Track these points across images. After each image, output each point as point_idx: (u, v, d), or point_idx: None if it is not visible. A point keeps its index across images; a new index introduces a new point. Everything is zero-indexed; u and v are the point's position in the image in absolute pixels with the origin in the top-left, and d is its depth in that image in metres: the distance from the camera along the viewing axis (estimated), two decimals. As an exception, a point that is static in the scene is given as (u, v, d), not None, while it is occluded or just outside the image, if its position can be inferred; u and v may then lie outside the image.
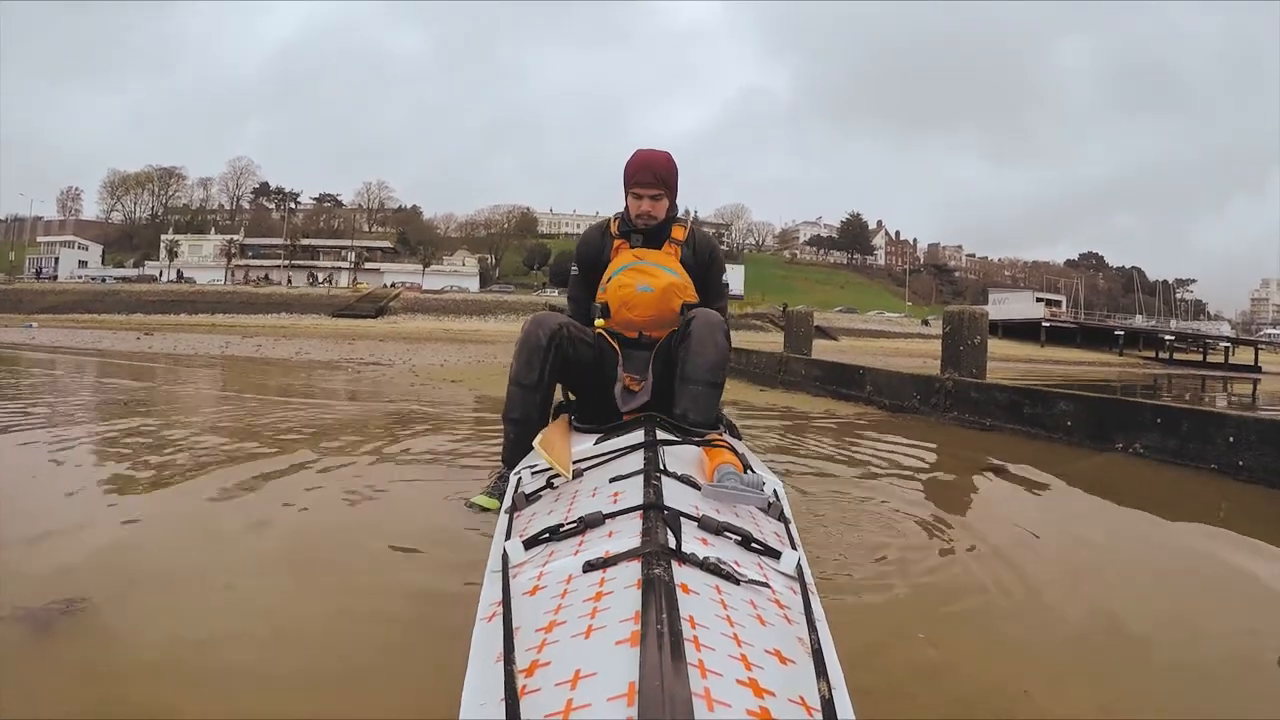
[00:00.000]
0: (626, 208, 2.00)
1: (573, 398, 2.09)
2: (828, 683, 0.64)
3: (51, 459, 2.62)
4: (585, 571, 0.84)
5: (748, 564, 0.91)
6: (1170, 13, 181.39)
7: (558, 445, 1.45)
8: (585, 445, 1.57)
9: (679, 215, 2.05)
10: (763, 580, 0.86)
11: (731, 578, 0.83)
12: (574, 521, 0.99)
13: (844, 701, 0.64)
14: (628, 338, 1.96)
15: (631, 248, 1.98)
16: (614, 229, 2.03)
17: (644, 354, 1.96)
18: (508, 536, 1.07)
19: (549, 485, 1.30)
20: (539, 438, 1.47)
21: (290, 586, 1.49)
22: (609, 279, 1.95)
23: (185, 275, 53.00)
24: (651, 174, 1.90)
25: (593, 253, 2.06)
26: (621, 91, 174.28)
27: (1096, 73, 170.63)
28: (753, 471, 1.31)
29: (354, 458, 2.81)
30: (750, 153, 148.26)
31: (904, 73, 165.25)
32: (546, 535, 0.98)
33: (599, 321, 1.96)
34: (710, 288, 2.06)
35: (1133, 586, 1.75)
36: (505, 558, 0.93)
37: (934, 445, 3.81)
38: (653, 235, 1.98)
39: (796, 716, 0.60)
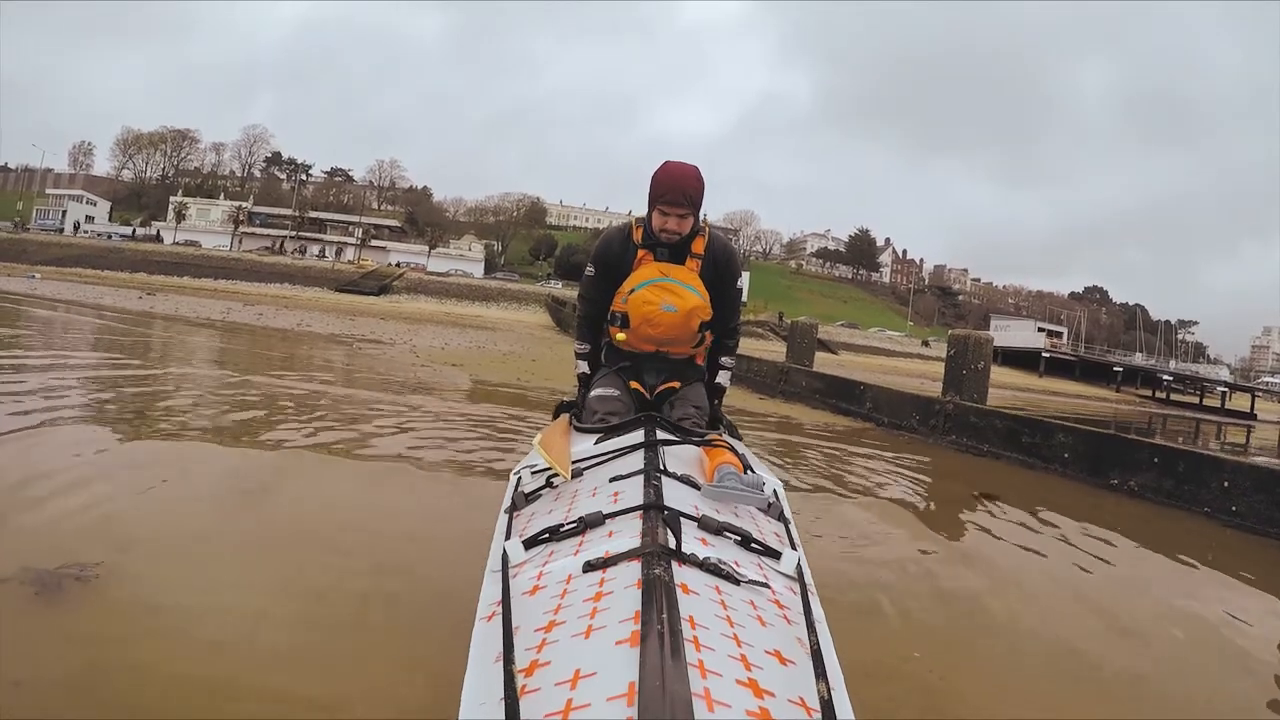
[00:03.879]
0: (650, 218, 1.95)
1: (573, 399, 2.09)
2: (827, 684, 0.64)
3: (58, 419, 2.61)
4: (585, 571, 0.83)
5: (748, 564, 0.90)
6: (1192, 41, 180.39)
7: (557, 445, 1.44)
8: (585, 445, 1.56)
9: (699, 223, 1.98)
10: (763, 581, 0.86)
11: (731, 578, 0.82)
12: (574, 521, 0.98)
13: (843, 702, 0.64)
14: (644, 351, 1.94)
15: (656, 260, 1.94)
16: (638, 237, 1.98)
17: (660, 364, 1.96)
18: (508, 536, 1.06)
19: (549, 485, 1.30)
20: (538, 437, 1.47)
21: (282, 562, 1.49)
22: (631, 291, 1.91)
23: (178, 240, 52.64)
24: (682, 194, 1.85)
25: (613, 257, 2.01)
26: (635, 89, 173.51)
27: (1115, 97, 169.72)
28: (753, 472, 1.30)
29: (354, 435, 2.81)
30: (762, 157, 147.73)
31: (923, 87, 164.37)
32: (546, 535, 0.98)
33: (619, 336, 1.93)
34: (725, 303, 2.01)
35: (1122, 621, 1.76)
36: (505, 557, 0.92)
37: (931, 468, 3.81)
38: (677, 249, 1.94)
39: (796, 717, 0.60)
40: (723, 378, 2.07)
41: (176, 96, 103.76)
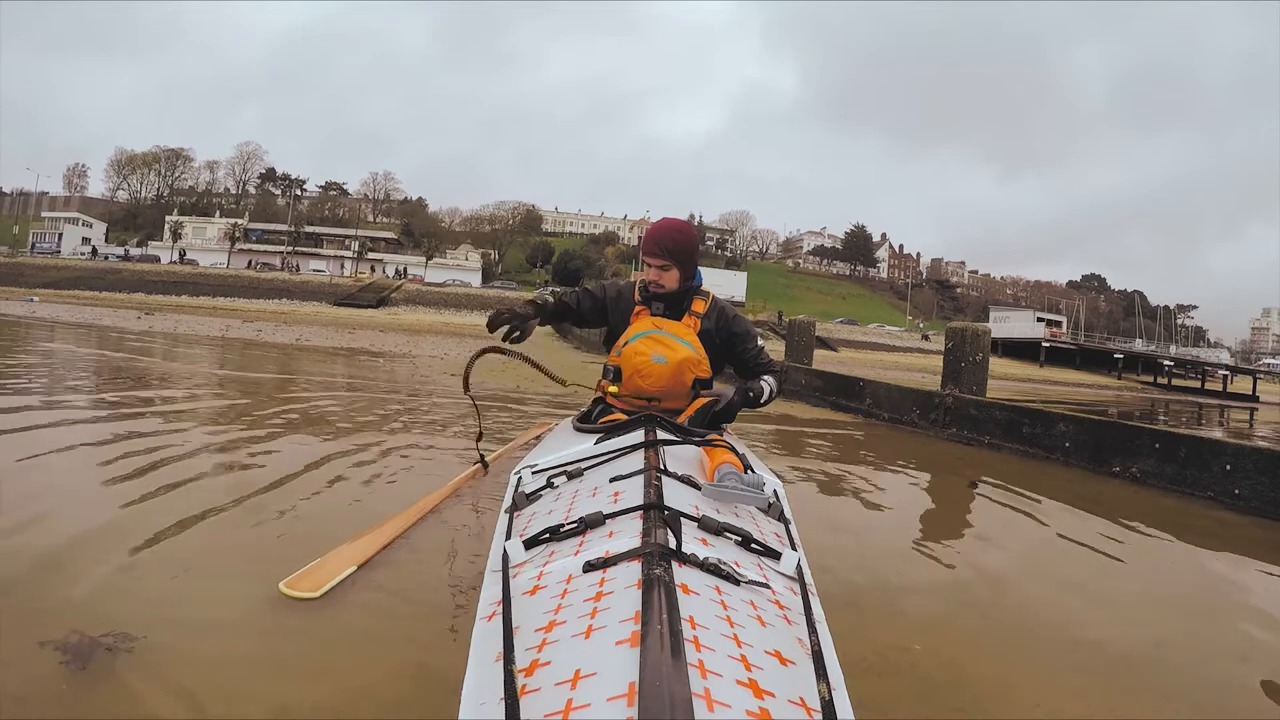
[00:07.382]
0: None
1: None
2: (827, 684, 0.64)
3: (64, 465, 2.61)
4: (585, 571, 0.83)
5: (748, 564, 0.90)
6: (1193, 22, 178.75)
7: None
8: (585, 445, 1.56)
9: (699, 286, 2.00)
10: (763, 581, 0.86)
11: (732, 578, 0.83)
12: (574, 521, 0.99)
13: (844, 703, 0.64)
14: (636, 408, 1.89)
15: (652, 315, 1.96)
16: (637, 294, 2.01)
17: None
18: (508, 536, 1.06)
19: (549, 485, 1.30)
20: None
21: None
22: (625, 343, 1.91)
23: (188, 257, 52.82)
24: (658, 245, 1.90)
25: (614, 298, 2.06)
26: (627, 89, 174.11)
27: (1113, 77, 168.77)
28: (753, 471, 1.31)
29: (356, 440, 2.81)
30: (756, 155, 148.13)
31: (917, 78, 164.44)
32: (547, 535, 0.98)
33: (610, 388, 1.92)
34: (748, 361, 2.02)
35: (1125, 608, 1.75)
36: (505, 557, 0.93)
37: (931, 460, 3.81)
38: (673, 304, 1.96)
39: (796, 717, 0.60)
40: (756, 385, 1.98)
41: (167, 112, 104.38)
